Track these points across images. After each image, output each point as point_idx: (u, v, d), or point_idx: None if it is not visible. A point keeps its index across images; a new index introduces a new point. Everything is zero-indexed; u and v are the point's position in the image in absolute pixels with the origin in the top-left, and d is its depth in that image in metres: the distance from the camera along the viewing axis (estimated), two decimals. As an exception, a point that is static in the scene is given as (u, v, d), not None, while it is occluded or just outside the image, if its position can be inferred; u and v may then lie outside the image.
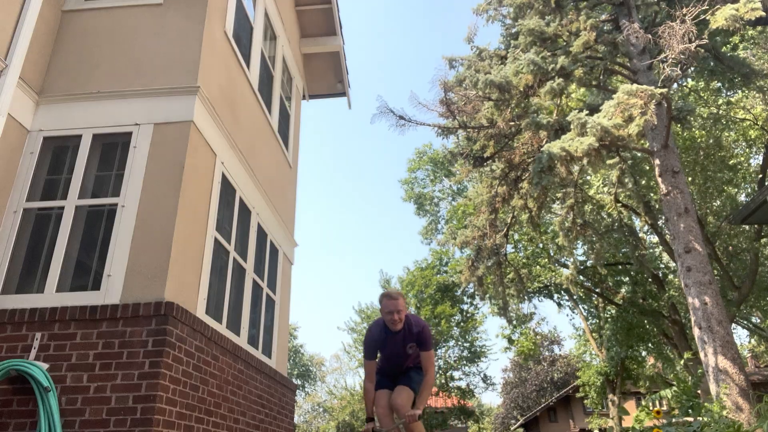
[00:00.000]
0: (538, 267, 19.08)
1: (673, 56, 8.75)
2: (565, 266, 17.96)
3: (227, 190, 5.51)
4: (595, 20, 10.20)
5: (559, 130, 10.33)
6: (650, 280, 16.81)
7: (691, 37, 8.80)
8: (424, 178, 25.11)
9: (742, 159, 15.40)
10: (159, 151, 4.62)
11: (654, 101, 8.23)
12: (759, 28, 12.07)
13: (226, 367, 5.03)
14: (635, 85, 8.48)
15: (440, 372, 25.39)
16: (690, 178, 14.54)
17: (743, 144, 15.50)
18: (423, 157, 24.88)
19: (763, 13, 8.14)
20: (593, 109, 10.20)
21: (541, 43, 10.47)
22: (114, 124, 4.81)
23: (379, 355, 4.42)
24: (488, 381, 26.60)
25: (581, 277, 17.57)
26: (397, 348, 4.24)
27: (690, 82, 14.22)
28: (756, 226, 13.79)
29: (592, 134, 8.46)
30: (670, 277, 16.65)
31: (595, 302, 20.53)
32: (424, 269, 25.35)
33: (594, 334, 22.31)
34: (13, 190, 4.56)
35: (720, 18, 8.34)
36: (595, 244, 13.25)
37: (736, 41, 12.85)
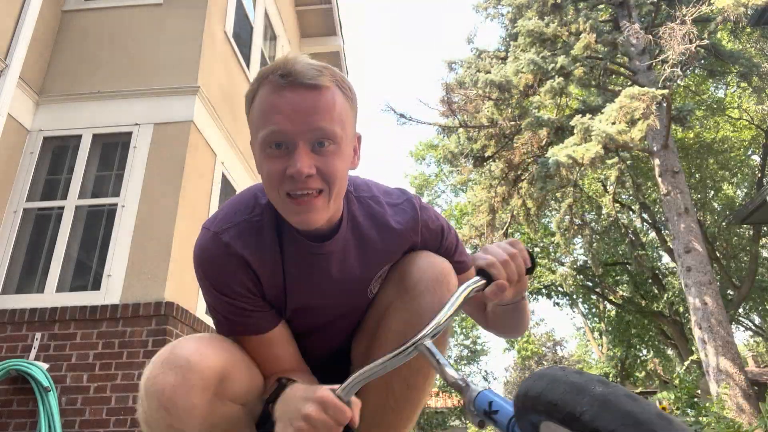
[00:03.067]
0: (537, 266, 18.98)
1: (673, 57, 8.76)
2: (564, 265, 17.93)
3: (227, 190, 5.51)
4: (595, 21, 10.20)
5: (560, 129, 10.34)
6: (650, 280, 16.80)
7: (692, 38, 8.82)
8: (430, 174, 24.87)
9: (735, 155, 15.36)
10: (159, 151, 4.62)
11: (656, 103, 8.26)
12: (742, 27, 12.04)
13: (226, 367, 5.02)
14: (637, 88, 8.49)
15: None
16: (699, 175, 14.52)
17: (738, 143, 15.46)
18: (431, 149, 24.54)
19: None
20: (591, 109, 10.20)
21: (541, 44, 10.48)
22: (114, 124, 4.81)
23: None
24: (489, 379, 26.36)
25: (580, 276, 17.54)
26: (334, 298, 1.13)
27: (685, 80, 14.20)
28: (754, 226, 13.77)
29: (597, 141, 8.47)
30: (670, 278, 16.63)
31: (594, 302, 20.51)
32: None
33: (594, 334, 22.28)
34: (13, 190, 4.55)
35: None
36: (593, 243, 13.24)
37: (725, 34, 12.82)
